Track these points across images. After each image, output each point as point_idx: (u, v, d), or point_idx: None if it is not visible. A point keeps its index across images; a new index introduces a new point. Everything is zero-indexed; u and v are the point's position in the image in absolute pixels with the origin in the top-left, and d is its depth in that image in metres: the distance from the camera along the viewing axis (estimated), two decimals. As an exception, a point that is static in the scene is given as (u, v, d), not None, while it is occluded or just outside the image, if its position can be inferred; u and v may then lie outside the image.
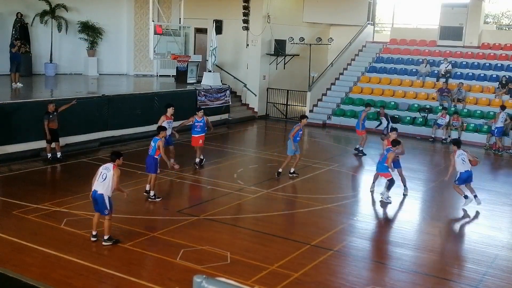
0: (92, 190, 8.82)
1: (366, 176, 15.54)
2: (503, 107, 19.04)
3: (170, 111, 13.49)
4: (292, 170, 13.83)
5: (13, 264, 7.88)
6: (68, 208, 10.47)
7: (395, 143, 12.05)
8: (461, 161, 11.69)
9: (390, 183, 11.93)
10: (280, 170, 13.70)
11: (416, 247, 9.70)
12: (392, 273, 8.38)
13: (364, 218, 11.37)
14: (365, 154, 16.93)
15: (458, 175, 11.78)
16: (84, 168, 14.04)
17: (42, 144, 14.32)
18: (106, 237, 8.85)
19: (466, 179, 11.78)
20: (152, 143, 11.35)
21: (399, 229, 10.58)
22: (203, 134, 14.09)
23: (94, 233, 8.99)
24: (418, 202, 12.88)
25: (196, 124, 14.06)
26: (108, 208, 8.77)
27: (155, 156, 11.26)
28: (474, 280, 8.23)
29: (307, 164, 15.03)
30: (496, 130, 18.52)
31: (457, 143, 12.13)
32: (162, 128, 11.76)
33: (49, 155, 14.11)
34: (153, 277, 7.84)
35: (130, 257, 8.49)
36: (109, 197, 8.81)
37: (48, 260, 8.19)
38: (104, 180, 8.71)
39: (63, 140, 14.66)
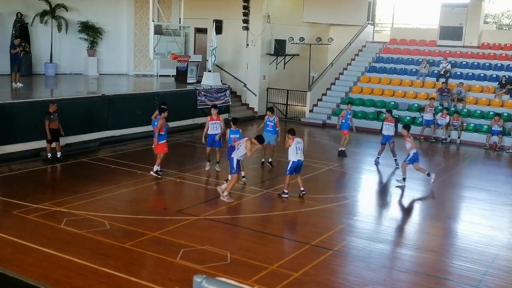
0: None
1: (366, 176, 15.56)
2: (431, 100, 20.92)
3: (213, 111, 13.77)
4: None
5: (13, 264, 7.87)
6: (68, 208, 10.46)
7: None
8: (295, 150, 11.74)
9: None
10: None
11: (416, 247, 9.70)
12: (392, 273, 8.38)
13: (364, 218, 11.36)
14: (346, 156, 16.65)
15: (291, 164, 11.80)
16: (84, 168, 14.04)
17: (42, 144, 14.31)
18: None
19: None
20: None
21: (399, 229, 10.57)
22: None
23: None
24: (418, 202, 12.88)
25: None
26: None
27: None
28: (474, 280, 8.22)
29: (307, 164, 14.98)
30: (424, 121, 20.68)
31: (291, 130, 12.13)
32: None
33: (49, 155, 14.10)
34: (153, 277, 7.83)
35: (130, 257, 8.48)
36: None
37: (48, 260, 8.18)
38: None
39: (63, 140, 14.66)
